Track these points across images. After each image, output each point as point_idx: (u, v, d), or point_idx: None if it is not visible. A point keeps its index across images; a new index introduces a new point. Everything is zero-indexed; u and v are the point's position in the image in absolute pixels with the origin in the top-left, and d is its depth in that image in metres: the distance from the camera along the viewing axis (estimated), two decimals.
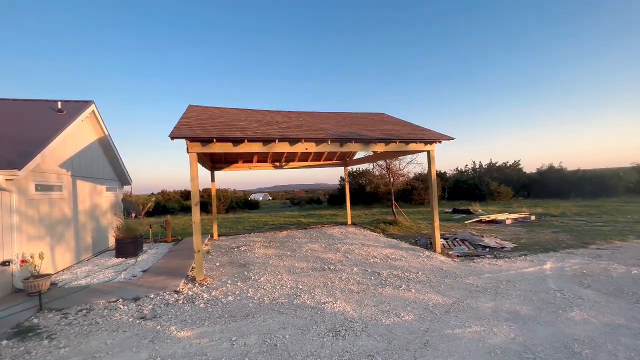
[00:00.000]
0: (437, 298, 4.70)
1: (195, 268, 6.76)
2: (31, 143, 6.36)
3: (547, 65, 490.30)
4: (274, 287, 5.41)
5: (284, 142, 6.47)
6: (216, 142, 5.94)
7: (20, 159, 5.73)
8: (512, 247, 8.10)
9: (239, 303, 4.75)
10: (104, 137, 9.48)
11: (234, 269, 6.78)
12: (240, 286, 5.55)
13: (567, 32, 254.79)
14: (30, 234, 6.03)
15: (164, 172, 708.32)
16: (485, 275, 5.78)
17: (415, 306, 4.42)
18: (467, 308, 4.30)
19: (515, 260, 6.73)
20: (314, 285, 5.46)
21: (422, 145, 7.64)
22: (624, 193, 23.78)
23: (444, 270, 6.11)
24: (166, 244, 10.47)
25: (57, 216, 7.02)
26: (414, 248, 8.25)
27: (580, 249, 7.63)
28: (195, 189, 5.92)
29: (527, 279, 5.51)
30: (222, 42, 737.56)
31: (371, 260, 7.04)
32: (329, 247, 8.67)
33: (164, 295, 5.17)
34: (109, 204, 10.08)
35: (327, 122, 8.41)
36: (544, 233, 9.94)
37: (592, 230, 9.92)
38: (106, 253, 9.08)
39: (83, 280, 6.25)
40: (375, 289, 5.19)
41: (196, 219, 5.94)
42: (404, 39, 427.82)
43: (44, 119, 7.57)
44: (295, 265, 6.87)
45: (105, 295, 5.22)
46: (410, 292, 4.97)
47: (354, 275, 5.98)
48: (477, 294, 4.81)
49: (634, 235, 8.93)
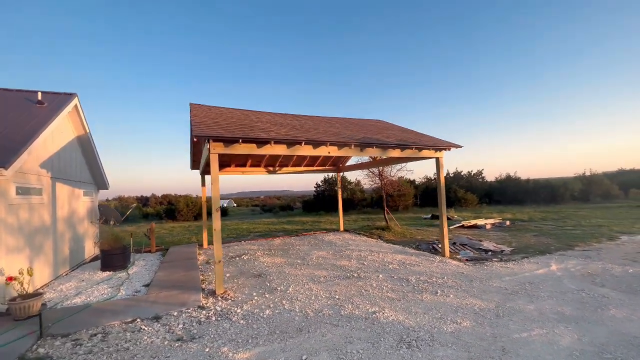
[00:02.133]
0: (478, 302, 4.75)
1: (205, 280, 6.23)
2: (11, 138, 5.40)
3: (505, 83, 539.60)
4: (308, 298, 5.10)
5: (308, 145, 6.23)
6: (242, 143, 5.53)
7: (3, 155, 4.84)
8: (510, 250, 8.56)
9: (281, 317, 4.38)
10: (84, 135, 8.42)
11: (250, 280, 6.31)
12: (270, 298, 5.15)
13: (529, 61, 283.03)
14: (9, 245, 5.08)
15: (121, 175, 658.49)
16: (506, 278, 6.00)
17: (464, 312, 4.41)
18: (513, 311, 4.39)
19: (522, 263, 7.09)
20: (350, 294, 5.25)
21: (433, 152, 7.84)
22: (570, 200, 26.67)
23: (465, 275, 6.24)
24: (151, 254, 9.52)
25: (36, 224, 6.02)
26: (422, 253, 8.37)
27: (569, 250, 8.28)
28: (217, 192, 5.43)
29: (544, 280, 5.81)
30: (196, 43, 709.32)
31: (389, 266, 6.98)
32: (337, 254, 8.47)
33: (189, 312, 4.61)
34: (86, 210, 8.93)
35: (338, 127, 8.30)
36: (527, 237, 10.67)
37: (566, 234, 10.86)
38: (85, 266, 7.99)
39: (77, 298, 5.39)
40: (414, 295, 5.12)
41: (217, 226, 5.44)
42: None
43: (22, 111, 6.50)
44: (315, 273, 6.58)
45: (115, 316, 4.53)
46: (449, 298, 4.97)
47: (382, 282, 5.87)
48: (512, 297, 4.95)
49: (604, 237, 9.92)
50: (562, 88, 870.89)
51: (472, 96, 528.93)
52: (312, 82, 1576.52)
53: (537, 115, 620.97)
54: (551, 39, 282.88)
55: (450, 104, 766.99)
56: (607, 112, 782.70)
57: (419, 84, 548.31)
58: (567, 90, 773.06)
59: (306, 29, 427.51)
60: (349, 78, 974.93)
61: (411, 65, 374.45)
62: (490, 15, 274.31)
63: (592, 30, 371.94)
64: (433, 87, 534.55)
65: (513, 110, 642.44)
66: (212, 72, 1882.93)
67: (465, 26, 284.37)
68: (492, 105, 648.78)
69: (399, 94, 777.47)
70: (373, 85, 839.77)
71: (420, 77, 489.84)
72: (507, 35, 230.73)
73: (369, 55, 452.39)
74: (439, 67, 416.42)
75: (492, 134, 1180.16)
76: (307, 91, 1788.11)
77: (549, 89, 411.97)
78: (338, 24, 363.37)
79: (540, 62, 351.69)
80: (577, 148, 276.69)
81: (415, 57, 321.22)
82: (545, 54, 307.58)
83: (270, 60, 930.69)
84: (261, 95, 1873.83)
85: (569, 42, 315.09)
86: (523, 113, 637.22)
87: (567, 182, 27.38)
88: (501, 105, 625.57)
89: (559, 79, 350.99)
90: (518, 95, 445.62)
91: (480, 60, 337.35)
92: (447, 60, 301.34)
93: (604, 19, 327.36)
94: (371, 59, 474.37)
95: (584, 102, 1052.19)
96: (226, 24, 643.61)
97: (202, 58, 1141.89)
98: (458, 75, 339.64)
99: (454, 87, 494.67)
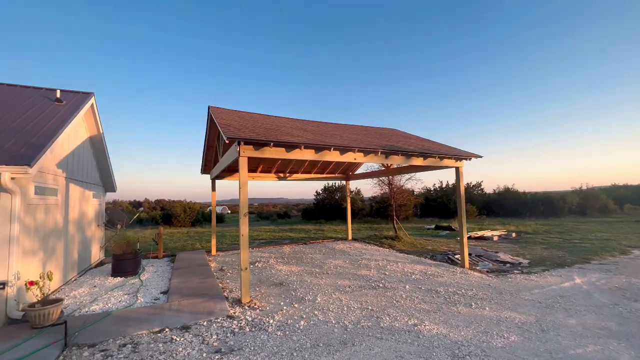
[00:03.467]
0: (516, 316, 4.62)
1: (225, 288, 6.02)
2: (33, 135, 5.18)
3: (504, 97, 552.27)
4: (340, 309, 4.90)
5: (336, 151, 6.12)
6: (272, 147, 5.40)
7: (27, 152, 4.62)
8: (527, 262, 8.49)
9: (318, 328, 4.18)
10: (97, 135, 8.18)
11: (272, 288, 6.08)
12: (300, 308, 4.94)
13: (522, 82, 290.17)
14: (25, 248, 4.80)
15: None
16: (535, 291, 5.89)
17: (507, 325, 4.27)
18: (556, 326, 4.27)
19: (544, 276, 7.00)
20: (381, 305, 5.07)
21: (453, 161, 7.80)
22: (568, 214, 26.96)
23: (492, 287, 6.11)
24: (159, 260, 9.22)
25: (50, 226, 5.74)
26: (440, 264, 8.24)
27: (586, 264, 8.23)
28: (245, 197, 5.26)
29: (574, 294, 5.71)
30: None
31: (412, 277, 6.83)
32: (355, 263, 8.29)
33: (219, 322, 4.38)
34: (94, 212, 8.62)
35: (360, 134, 8.24)
36: (538, 249, 10.63)
37: (576, 247, 10.85)
38: (93, 271, 7.66)
39: (94, 305, 5.10)
40: (448, 307, 4.96)
41: (244, 232, 5.24)
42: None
43: (42, 108, 6.27)
44: (338, 283, 6.39)
45: (141, 324, 4.27)
46: (486, 310, 4.83)
47: (411, 293, 5.70)
48: (549, 311, 4.83)
49: (616, 251, 9.93)
50: (560, 104, 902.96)
51: (471, 109, 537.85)
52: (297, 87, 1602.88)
53: (535, 128, 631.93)
54: (555, 52, 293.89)
55: (448, 116, 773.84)
56: (602, 130, 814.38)
57: (417, 92, 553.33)
58: (565, 106, 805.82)
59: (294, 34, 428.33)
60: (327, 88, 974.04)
61: (415, 73, 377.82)
62: (491, 22, 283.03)
63: (593, 46, 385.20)
64: (433, 95, 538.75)
65: (511, 123, 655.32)
66: (201, 77, 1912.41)
67: (465, 34, 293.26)
68: (490, 118, 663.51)
69: (392, 104, 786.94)
70: (356, 95, 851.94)
71: (419, 86, 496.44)
72: (510, 45, 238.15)
73: (344, 65, 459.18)
74: (438, 76, 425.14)
75: (490, 146, 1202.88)
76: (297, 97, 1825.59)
77: (549, 104, 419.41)
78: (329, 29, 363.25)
79: (541, 76, 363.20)
80: (574, 163, 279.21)
81: (419, 66, 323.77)
82: (546, 67, 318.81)
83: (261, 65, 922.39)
84: (257, 100, 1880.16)
85: (572, 54, 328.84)
86: (521, 125, 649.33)
87: (565, 195, 27.69)
88: (499, 118, 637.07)
89: (558, 94, 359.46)
90: (517, 108, 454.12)
91: (479, 71, 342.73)
92: (446, 69, 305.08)
93: (605, 34, 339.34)
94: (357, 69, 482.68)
95: (580, 118, 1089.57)
96: (217, 26, 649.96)
97: (190, 60, 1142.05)
98: (456, 88, 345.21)
99: (452, 98, 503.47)
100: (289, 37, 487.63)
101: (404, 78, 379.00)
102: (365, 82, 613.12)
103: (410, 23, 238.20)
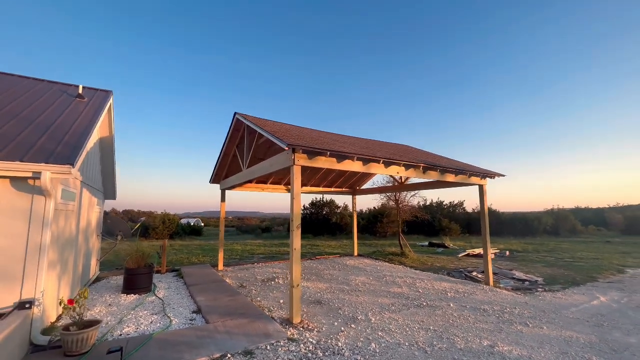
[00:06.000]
0: (578, 335, 4.60)
1: (262, 306, 5.59)
2: (65, 132, 4.61)
3: (485, 120, 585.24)
4: (401, 329, 4.64)
5: (382, 164, 6.00)
6: (328, 157, 5.18)
7: (64, 150, 4.07)
8: (542, 280, 8.69)
9: (395, 351, 3.89)
10: (109, 137, 7.51)
11: (313, 307, 5.69)
12: (358, 329, 4.62)
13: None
14: (50, 259, 4.15)
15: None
16: (572, 309, 5.96)
17: (577, 345, 4.23)
18: (623, 345, 4.28)
19: (568, 294, 7.15)
20: (441, 325, 4.87)
21: (479, 179, 7.95)
22: (543, 233, 28.54)
23: (530, 305, 6.12)
24: (163, 275, 8.46)
25: (66, 235, 5.07)
26: (464, 281, 8.20)
27: (595, 282, 8.55)
28: (298, 208, 4.95)
29: (609, 312, 5.83)
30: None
31: (448, 294, 6.71)
32: (379, 280, 8.05)
33: (285, 346, 3.96)
34: (96, 221, 7.80)
35: (385, 147, 8.21)
36: (538, 267, 10.96)
37: (573, 266, 11.31)
38: (96, 287, 6.85)
39: (126, 328, 4.46)
40: (507, 327, 4.86)
41: (297, 245, 4.89)
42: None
43: (63, 104, 5.63)
44: (378, 301, 6.12)
45: (196, 350, 3.76)
46: (544, 330, 4.78)
47: (459, 311, 5.56)
48: (603, 329, 4.86)
49: (613, 270, 10.46)
50: (532, 124, 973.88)
51: (444, 130, 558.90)
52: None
53: (509, 150, 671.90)
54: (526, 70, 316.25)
55: (424, 135, 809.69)
56: (566, 154, 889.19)
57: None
58: (537, 128, 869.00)
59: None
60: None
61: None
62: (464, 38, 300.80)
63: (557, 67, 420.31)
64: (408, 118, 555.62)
65: (486, 144, 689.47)
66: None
67: (439, 52, 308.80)
68: (465, 138, 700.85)
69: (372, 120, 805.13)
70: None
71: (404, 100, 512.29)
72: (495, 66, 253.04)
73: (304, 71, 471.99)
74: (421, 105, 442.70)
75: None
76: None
77: (518, 124, 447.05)
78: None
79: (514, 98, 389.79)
80: (542, 184, 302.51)
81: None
82: (524, 84, 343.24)
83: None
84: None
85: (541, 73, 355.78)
86: (496, 147, 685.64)
87: (540, 216, 29.38)
88: (475, 139, 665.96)
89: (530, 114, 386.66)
90: (491, 130, 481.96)
91: (444, 95, 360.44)
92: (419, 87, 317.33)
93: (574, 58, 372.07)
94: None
95: (540, 142, 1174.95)
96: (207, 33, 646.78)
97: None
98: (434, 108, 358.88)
99: (419, 122, 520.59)
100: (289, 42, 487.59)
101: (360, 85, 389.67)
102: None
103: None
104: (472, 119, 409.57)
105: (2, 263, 3.60)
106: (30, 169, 3.59)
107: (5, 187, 3.69)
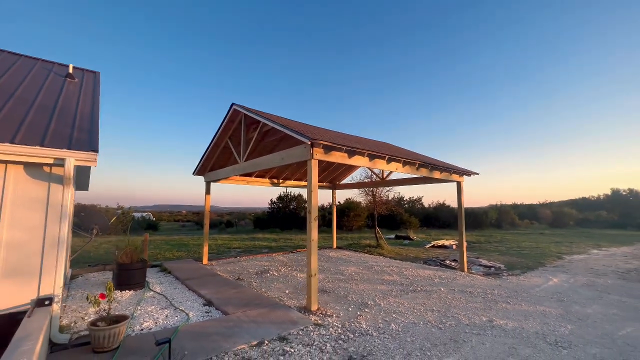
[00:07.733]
0: (549, 310, 5.44)
1: (273, 297, 5.74)
2: (71, 114, 4.24)
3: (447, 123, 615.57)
4: (411, 311, 5.11)
5: (384, 160, 6.40)
6: (343, 152, 5.42)
7: (82, 135, 3.79)
8: (504, 266, 9.91)
9: (416, 329, 4.32)
10: None
11: (321, 296, 5.92)
12: (373, 313, 4.99)
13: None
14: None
15: None
16: (536, 289, 6.95)
17: (552, 317, 5.04)
18: (584, 315, 5.20)
19: (528, 277, 8.29)
20: (440, 306, 5.44)
21: (458, 176, 8.79)
22: (489, 226, 31.84)
23: (503, 287, 7.02)
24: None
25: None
26: (442, 269, 9.05)
27: (543, 267, 9.95)
28: (316, 201, 5.14)
29: (564, 290, 6.93)
30: None
31: (435, 280, 7.40)
32: (369, 269, 8.54)
33: (315, 331, 4.17)
34: (71, 213, 7.12)
35: (384, 147, 8.65)
36: (494, 255, 12.38)
37: (521, 254, 12.90)
38: (77, 284, 6.33)
39: (145, 323, 4.30)
40: (495, 305, 5.59)
41: (314, 237, 5.09)
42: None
43: (56, 84, 5.06)
44: (378, 288, 6.57)
45: (231, 338, 3.81)
46: (523, 306, 5.60)
47: (451, 294, 6.21)
48: (565, 304, 5.81)
49: (553, 257, 12.20)
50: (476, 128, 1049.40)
51: (406, 127, 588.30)
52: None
53: (460, 149, 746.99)
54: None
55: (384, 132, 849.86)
56: (508, 152, 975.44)
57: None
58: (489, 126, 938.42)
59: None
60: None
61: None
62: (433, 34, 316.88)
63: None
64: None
65: (442, 143, 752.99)
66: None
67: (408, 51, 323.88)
68: (425, 137, 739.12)
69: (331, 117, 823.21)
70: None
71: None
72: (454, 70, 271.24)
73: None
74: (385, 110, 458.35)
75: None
76: None
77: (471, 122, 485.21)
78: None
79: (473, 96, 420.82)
80: (485, 183, 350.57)
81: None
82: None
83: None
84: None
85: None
86: (450, 145, 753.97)
87: (488, 211, 32.65)
88: (432, 138, 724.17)
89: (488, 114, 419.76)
90: (446, 128, 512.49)
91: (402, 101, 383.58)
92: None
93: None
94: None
95: (482, 142, 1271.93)
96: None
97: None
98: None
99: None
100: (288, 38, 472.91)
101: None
102: None
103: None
104: (418, 120, 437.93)
105: (18, 257, 3.29)
106: (52, 155, 3.30)
107: (19, 174, 3.35)
